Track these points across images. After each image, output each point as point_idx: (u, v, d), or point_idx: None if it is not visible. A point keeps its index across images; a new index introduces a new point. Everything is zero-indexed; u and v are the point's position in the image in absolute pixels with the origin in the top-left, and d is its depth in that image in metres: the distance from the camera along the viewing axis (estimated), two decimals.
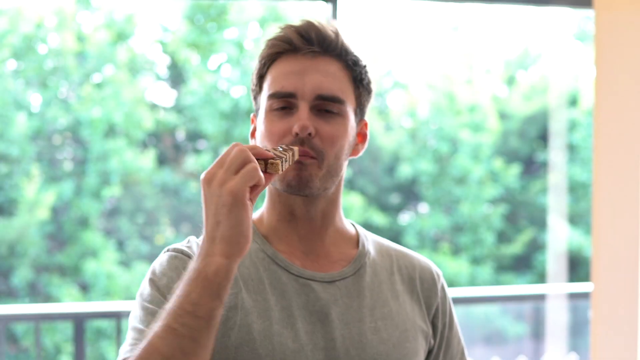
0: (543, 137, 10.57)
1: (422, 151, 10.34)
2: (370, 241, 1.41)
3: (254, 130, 1.35)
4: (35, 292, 9.09)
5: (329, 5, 3.38)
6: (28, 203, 8.85)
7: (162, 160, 9.80)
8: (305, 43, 1.30)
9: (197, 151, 9.91)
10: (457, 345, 1.42)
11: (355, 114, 1.34)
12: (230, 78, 9.81)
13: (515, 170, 10.29)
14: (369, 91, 1.35)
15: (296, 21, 1.32)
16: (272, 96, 1.28)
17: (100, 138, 9.21)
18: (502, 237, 10.41)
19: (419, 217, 10.56)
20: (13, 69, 9.39)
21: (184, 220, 9.73)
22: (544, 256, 10.17)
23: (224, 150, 1.12)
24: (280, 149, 1.20)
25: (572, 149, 10.28)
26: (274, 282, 1.28)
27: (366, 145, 1.39)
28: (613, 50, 3.02)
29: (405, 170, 10.20)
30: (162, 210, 9.67)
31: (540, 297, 5.43)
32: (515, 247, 10.30)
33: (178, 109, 9.92)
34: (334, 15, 3.36)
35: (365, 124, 1.38)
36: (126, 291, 8.73)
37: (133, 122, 9.30)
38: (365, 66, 1.34)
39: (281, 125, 1.27)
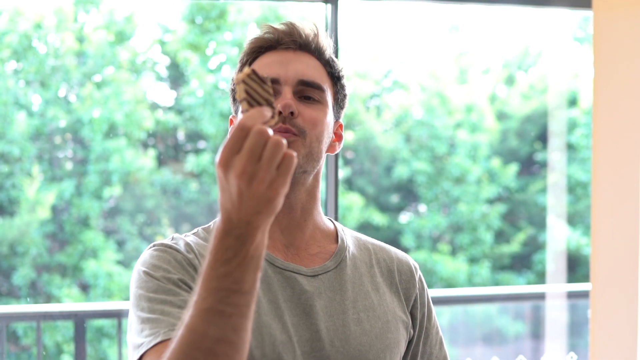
0: (542, 137, 10.58)
1: (420, 151, 10.35)
2: (349, 236, 1.45)
3: None
4: (36, 292, 9.10)
5: (329, 7, 3.38)
6: (28, 203, 8.86)
7: (162, 160, 9.81)
8: (285, 38, 1.37)
9: (197, 151, 9.91)
10: (436, 335, 1.47)
11: (334, 109, 1.40)
12: (230, 78, 9.81)
13: (513, 169, 10.30)
14: (344, 94, 1.42)
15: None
16: None
17: (101, 138, 9.21)
18: (501, 237, 10.42)
19: (418, 217, 10.56)
20: (13, 68, 9.39)
21: (184, 220, 9.73)
22: (543, 256, 10.17)
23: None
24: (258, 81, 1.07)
25: (571, 148, 10.29)
26: (261, 275, 1.30)
27: (342, 145, 1.44)
28: (612, 50, 3.04)
29: (403, 171, 10.21)
30: (162, 210, 9.68)
31: (540, 297, 5.46)
32: (514, 247, 10.31)
33: (178, 109, 9.92)
34: (335, 17, 3.36)
35: (341, 126, 1.44)
36: (126, 291, 8.72)
37: (133, 122, 9.30)
38: (341, 70, 1.41)
39: None
